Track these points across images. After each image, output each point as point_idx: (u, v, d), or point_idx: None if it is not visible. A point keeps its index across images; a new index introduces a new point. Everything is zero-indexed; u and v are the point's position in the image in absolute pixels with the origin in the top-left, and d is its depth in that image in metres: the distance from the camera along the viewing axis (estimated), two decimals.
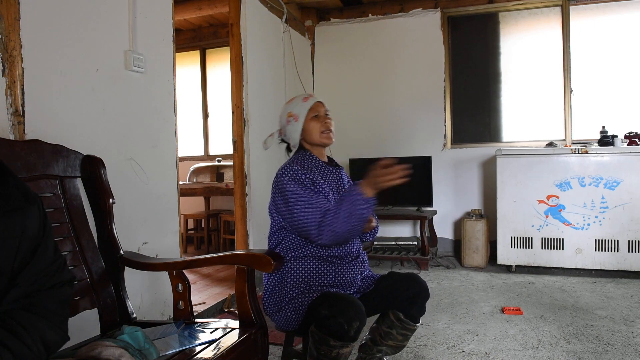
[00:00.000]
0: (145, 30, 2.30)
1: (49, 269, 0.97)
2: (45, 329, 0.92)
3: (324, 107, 1.76)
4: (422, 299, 1.70)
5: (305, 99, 1.74)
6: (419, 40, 4.65)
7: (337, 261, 1.65)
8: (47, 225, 1.00)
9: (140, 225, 2.24)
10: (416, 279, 1.72)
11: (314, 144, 1.74)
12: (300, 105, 1.73)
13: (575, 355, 2.21)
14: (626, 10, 4.18)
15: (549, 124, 4.39)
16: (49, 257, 0.98)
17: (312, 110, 1.72)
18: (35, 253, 0.95)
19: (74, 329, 1.65)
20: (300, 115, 1.71)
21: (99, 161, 1.58)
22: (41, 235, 0.97)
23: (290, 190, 1.57)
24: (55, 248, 1.02)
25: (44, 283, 0.96)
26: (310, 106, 1.72)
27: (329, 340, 1.41)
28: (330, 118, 1.75)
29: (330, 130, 1.73)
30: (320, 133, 1.71)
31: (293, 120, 1.72)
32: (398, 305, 1.69)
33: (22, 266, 0.92)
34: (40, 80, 1.72)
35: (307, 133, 1.72)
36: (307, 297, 1.57)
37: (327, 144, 1.74)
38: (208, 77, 5.82)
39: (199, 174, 5.21)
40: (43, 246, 0.97)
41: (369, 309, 1.67)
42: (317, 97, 1.78)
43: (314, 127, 1.71)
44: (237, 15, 3.42)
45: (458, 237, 4.52)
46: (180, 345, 1.28)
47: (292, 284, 1.61)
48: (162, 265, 1.54)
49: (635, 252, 3.55)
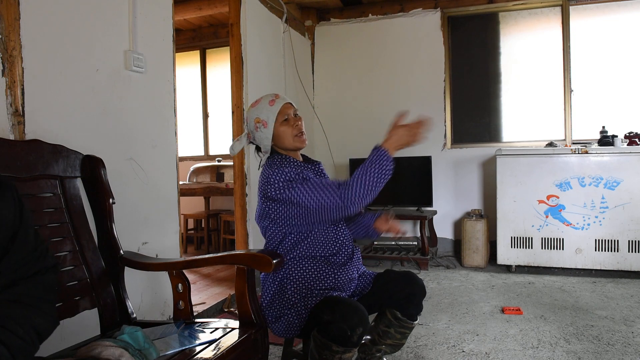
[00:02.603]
0: (145, 30, 2.30)
1: (30, 255, 0.96)
2: (35, 318, 0.92)
3: (292, 107, 1.66)
4: (419, 296, 1.70)
5: (271, 102, 1.63)
6: (419, 40, 4.65)
7: (334, 259, 1.63)
8: (24, 212, 0.98)
9: (140, 225, 2.24)
10: (412, 277, 1.71)
11: (288, 149, 1.66)
12: (268, 110, 1.61)
13: (575, 355, 2.21)
14: (626, 10, 4.18)
15: (549, 124, 4.39)
16: (30, 244, 0.97)
17: (281, 113, 1.61)
18: (14, 241, 0.94)
19: (74, 328, 1.65)
20: (269, 121, 1.60)
21: (99, 161, 1.58)
22: (18, 222, 0.96)
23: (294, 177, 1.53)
24: (35, 234, 1.00)
25: (27, 270, 0.95)
26: (279, 110, 1.61)
27: (332, 345, 1.40)
28: (300, 118, 1.66)
29: (302, 132, 1.64)
30: (293, 137, 1.62)
31: (262, 126, 1.62)
32: (395, 304, 1.69)
33: (1, 255, 0.91)
34: (40, 80, 1.72)
35: (278, 139, 1.64)
36: (309, 302, 1.55)
37: (300, 147, 1.65)
38: (208, 77, 5.82)
39: (199, 174, 5.21)
40: (22, 233, 0.96)
41: (366, 308, 1.66)
42: (285, 97, 1.67)
43: (286, 132, 1.62)
44: (237, 16, 3.42)
45: (458, 237, 4.52)
46: (180, 345, 1.28)
47: (293, 291, 1.58)
48: (162, 265, 1.54)
49: (635, 252, 3.55)
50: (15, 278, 0.93)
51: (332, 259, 1.64)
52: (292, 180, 1.53)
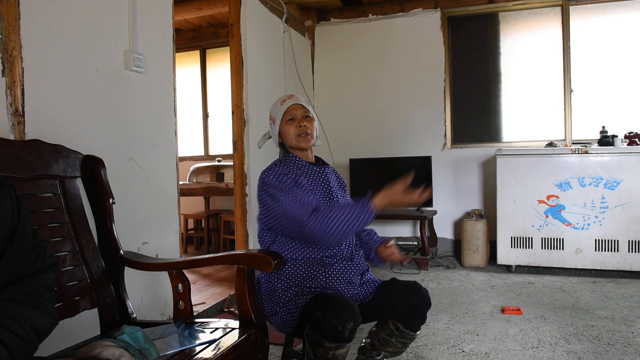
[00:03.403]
0: (145, 30, 2.30)
1: (29, 255, 0.96)
2: (34, 317, 0.92)
3: (302, 109, 1.71)
4: (423, 309, 1.66)
5: (282, 102, 1.72)
6: (419, 40, 4.65)
7: (327, 261, 1.63)
8: (22, 211, 0.98)
9: (140, 225, 2.24)
10: (417, 288, 1.67)
11: (291, 147, 1.73)
12: (277, 108, 1.72)
13: (575, 355, 2.21)
14: (626, 10, 4.18)
15: (549, 124, 4.39)
16: (28, 243, 0.97)
17: (287, 113, 1.69)
18: (12, 240, 0.94)
19: (74, 329, 1.65)
20: (277, 118, 1.71)
21: (99, 161, 1.58)
22: (16, 221, 0.95)
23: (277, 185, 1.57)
24: (34, 234, 1.00)
25: (26, 269, 0.95)
26: (285, 109, 1.69)
27: (324, 342, 1.40)
28: (309, 120, 1.70)
29: (306, 133, 1.69)
30: (295, 137, 1.69)
31: (272, 123, 1.74)
32: (398, 317, 1.65)
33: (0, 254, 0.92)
34: (40, 80, 1.72)
35: (283, 136, 1.73)
36: (300, 300, 1.56)
37: (303, 147, 1.70)
38: (208, 77, 5.82)
39: (199, 174, 5.21)
40: (20, 232, 0.96)
41: (368, 316, 1.66)
42: (298, 98, 1.74)
43: (289, 131, 1.69)
44: (237, 15, 3.42)
45: (458, 237, 4.52)
46: (180, 345, 1.28)
47: (282, 289, 1.60)
48: (162, 265, 1.54)
49: (635, 252, 3.55)
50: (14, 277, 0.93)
51: (327, 260, 1.63)
52: (274, 185, 1.58)
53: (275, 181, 1.58)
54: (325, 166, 1.79)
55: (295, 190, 1.57)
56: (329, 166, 1.82)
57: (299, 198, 1.54)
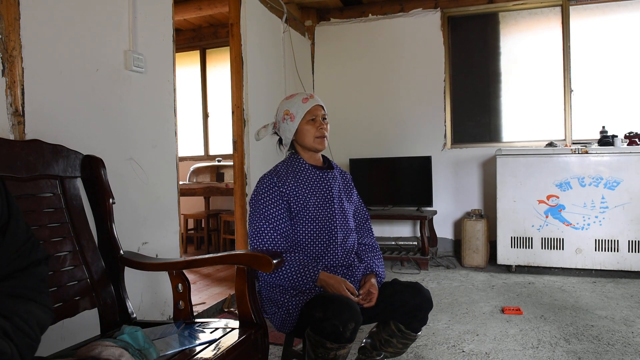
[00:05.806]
0: (145, 30, 2.30)
1: (22, 248, 0.96)
2: (37, 312, 0.92)
3: (322, 110, 1.71)
4: (425, 310, 1.66)
5: (305, 100, 1.69)
6: (419, 40, 4.65)
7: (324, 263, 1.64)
8: (13, 204, 0.97)
9: (140, 225, 2.24)
10: (419, 290, 1.66)
11: (306, 148, 1.71)
12: (299, 106, 1.68)
13: (575, 355, 2.21)
14: (626, 10, 4.18)
15: (549, 124, 4.39)
16: (21, 237, 0.97)
17: (310, 113, 1.67)
18: (5, 233, 0.93)
19: (74, 329, 1.65)
20: (297, 116, 1.67)
21: (99, 161, 1.58)
22: (6, 215, 0.95)
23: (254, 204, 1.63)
24: (26, 227, 1.00)
25: (21, 262, 0.95)
26: (309, 109, 1.67)
27: (325, 342, 1.41)
28: (326, 123, 1.70)
29: (324, 136, 1.69)
30: (314, 138, 1.67)
31: (289, 119, 1.68)
32: (399, 317, 1.65)
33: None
34: (40, 80, 1.72)
35: (300, 135, 1.69)
36: (299, 299, 1.56)
37: (319, 149, 1.70)
38: (208, 77, 5.81)
39: (199, 174, 5.21)
40: (12, 226, 0.95)
41: (370, 317, 1.66)
42: (318, 99, 1.73)
43: (309, 131, 1.67)
44: (237, 15, 3.42)
45: (458, 237, 4.52)
46: (180, 345, 1.28)
47: (280, 292, 1.60)
48: (162, 265, 1.54)
49: (635, 252, 3.55)
50: (11, 270, 0.92)
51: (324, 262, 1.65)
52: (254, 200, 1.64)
53: (258, 195, 1.64)
54: (330, 170, 1.77)
55: (268, 217, 1.60)
56: (336, 168, 1.81)
57: (265, 231, 1.60)
